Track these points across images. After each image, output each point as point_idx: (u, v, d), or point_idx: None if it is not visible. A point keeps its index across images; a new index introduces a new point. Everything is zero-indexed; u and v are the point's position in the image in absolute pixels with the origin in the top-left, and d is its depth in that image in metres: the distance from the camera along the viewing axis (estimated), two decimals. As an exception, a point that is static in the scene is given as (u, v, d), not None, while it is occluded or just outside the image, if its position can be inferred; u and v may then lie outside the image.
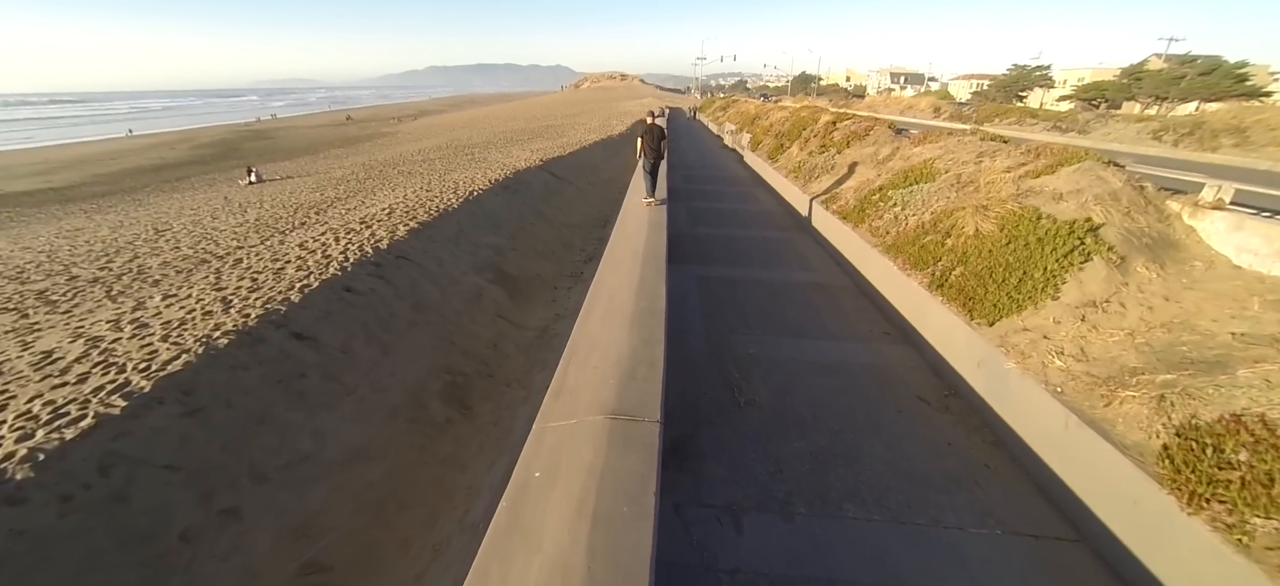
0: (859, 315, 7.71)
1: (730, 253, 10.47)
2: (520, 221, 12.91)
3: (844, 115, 14.28)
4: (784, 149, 15.27)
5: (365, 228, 10.23)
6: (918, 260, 6.49)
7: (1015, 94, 46.14)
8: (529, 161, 19.53)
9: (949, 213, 6.63)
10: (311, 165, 26.82)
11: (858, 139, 11.56)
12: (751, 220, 12.93)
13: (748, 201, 14.90)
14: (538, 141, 27.64)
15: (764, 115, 22.72)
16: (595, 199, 18.14)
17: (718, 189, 16.56)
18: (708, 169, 21.48)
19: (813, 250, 10.29)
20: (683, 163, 22.49)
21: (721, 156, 25.69)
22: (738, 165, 21.65)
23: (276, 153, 37.93)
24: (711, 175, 19.39)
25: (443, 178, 16.78)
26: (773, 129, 17.26)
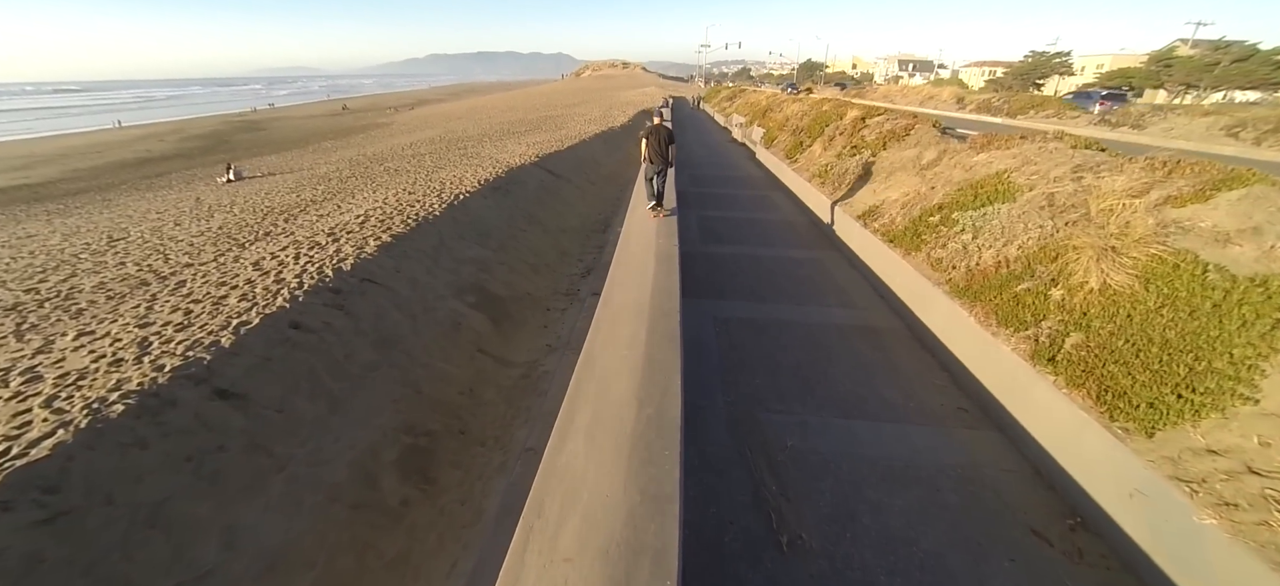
0: (923, 378, 5.93)
1: (752, 280, 8.84)
2: (510, 229, 11.67)
3: (873, 111, 12.33)
4: (803, 147, 13.72)
5: (332, 241, 9.03)
6: (1008, 314, 4.89)
7: (1033, 82, 44.31)
8: (524, 157, 18.24)
9: (1051, 250, 5.01)
10: (298, 159, 25.57)
11: (895, 140, 9.84)
12: (773, 234, 11.32)
13: (765, 208, 13.29)
14: (535, 134, 26.30)
15: (776, 107, 21.36)
16: (595, 198, 16.87)
17: (731, 192, 15.07)
18: (718, 168, 19.78)
19: (849, 277, 8.67)
20: (690, 160, 21.00)
21: (731, 152, 23.93)
22: (750, 163, 20.03)
23: (266, 145, 36.67)
24: (723, 175, 17.79)
25: (430, 177, 15.53)
26: (789, 124, 15.99)
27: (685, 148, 22.43)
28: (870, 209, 8.54)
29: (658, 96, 53.35)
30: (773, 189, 15.03)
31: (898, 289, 7.14)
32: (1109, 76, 37.11)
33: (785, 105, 19.69)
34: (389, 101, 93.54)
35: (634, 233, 8.11)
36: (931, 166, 7.95)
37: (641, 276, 6.49)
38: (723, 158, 22.03)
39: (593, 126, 28.87)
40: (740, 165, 20.10)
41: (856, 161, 9.66)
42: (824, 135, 12.34)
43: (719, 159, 21.82)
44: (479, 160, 18.53)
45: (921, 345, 6.40)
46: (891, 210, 7.93)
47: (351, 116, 61.27)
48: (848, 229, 9.18)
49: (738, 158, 21.97)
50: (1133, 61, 51.31)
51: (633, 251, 7.35)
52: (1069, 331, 4.29)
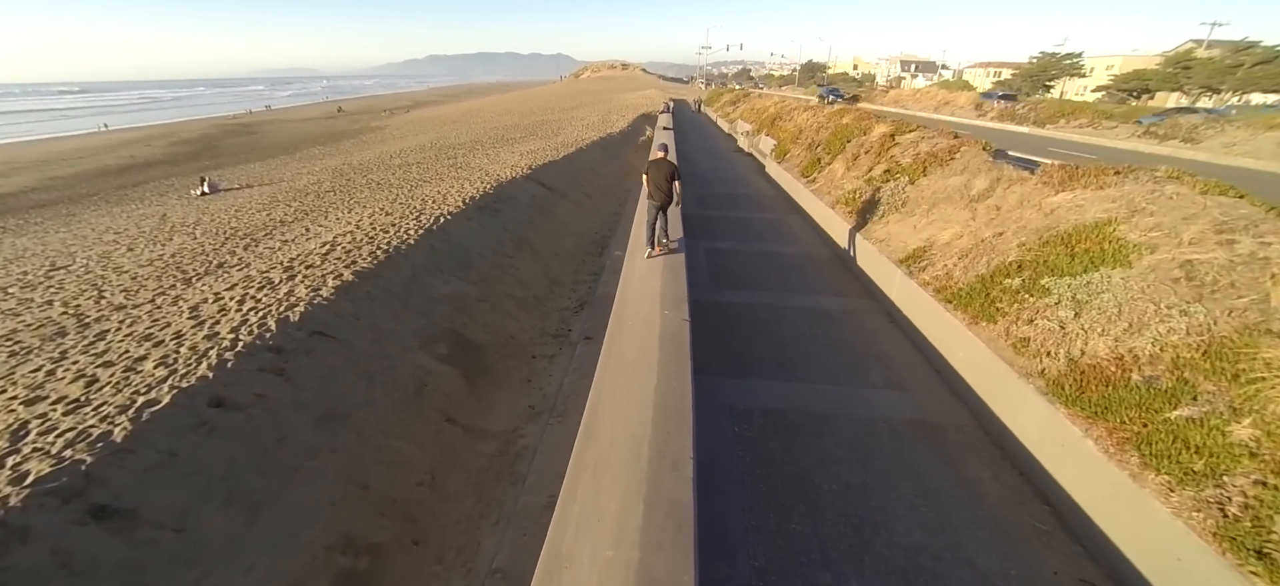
0: (1017, 517, 4.25)
1: (776, 344, 7.03)
2: (495, 256, 10.53)
3: (903, 126, 10.59)
4: (821, 165, 12.17)
5: (287, 279, 7.89)
6: (1160, 450, 3.38)
7: (1042, 84, 43.12)
8: (516, 168, 17.10)
9: (1218, 355, 3.53)
10: (282, 168, 24.44)
11: (937, 164, 8.32)
12: (795, 274, 9.48)
13: (782, 237, 11.41)
14: (529, 141, 25.17)
15: (786, 116, 19.93)
16: (591, 214, 15.73)
17: (742, 216, 13.08)
18: (726, 183, 17.70)
19: (893, 339, 6.90)
20: (694, 173, 19.38)
21: (737, 163, 21.91)
22: (759, 177, 18.23)
23: (253, 151, 35.53)
24: (732, 194, 15.79)
25: (412, 192, 14.40)
26: (802, 136, 14.90)
27: (689, 158, 21.02)
28: (915, 252, 7.06)
29: (658, 99, 52.22)
30: (788, 211, 13.28)
31: (963, 369, 5.58)
32: (1124, 79, 35.90)
33: (795, 114, 18.27)
34: (385, 103, 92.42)
35: (631, 295, 6.62)
36: (983, 198, 6.65)
37: (644, 367, 4.95)
38: (730, 171, 20.33)
39: (590, 132, 27.73)
40: (749, 181, 18.28)
41: (890, 189, 8.37)
42: (845, 152, 11.09)
43: (726, 172, 20.15)
44: (468, 172, 17.40)
45: (1003, 454, 4.85)
46: (946, 259, 6.34)
47: (346, 119, 60.15)
48: (885, 274, 7.61)
49: (745, 170, 20.38)
50: (1145, 62, 50.14)
51: (629, 327, 5.71)
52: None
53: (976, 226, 6.25)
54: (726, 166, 21.44)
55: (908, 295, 6.74)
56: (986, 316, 5.31)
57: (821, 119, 15.12)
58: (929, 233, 7.14)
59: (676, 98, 57.72)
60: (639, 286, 6.97)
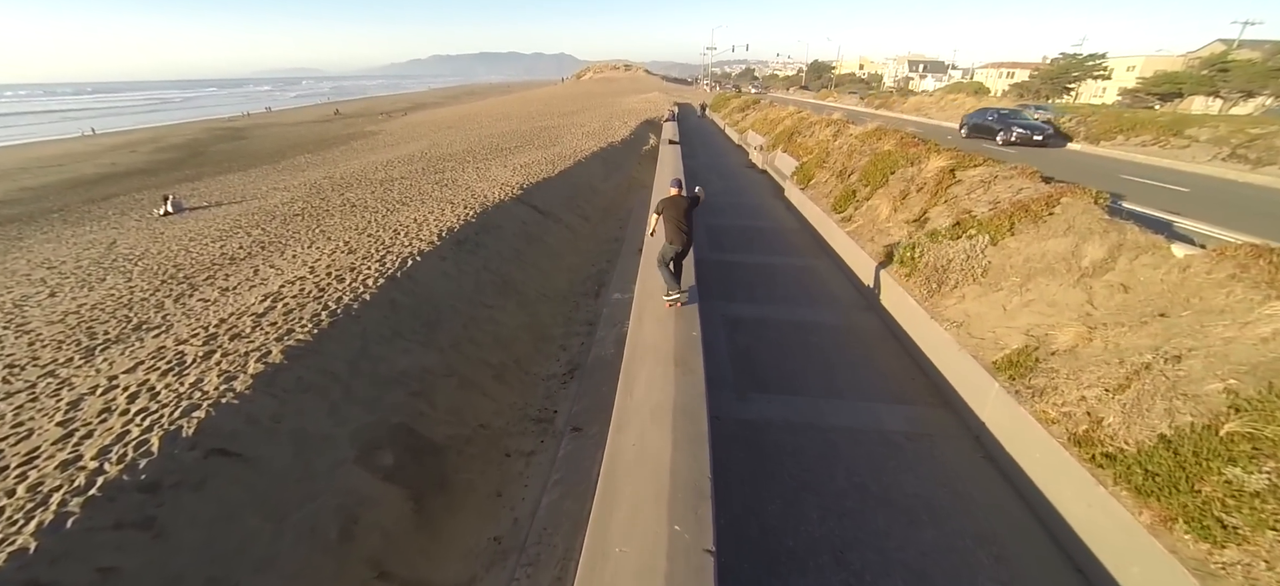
0: None
1: (835, 511, 4.70)
2: (471, 308, 8.93)
3: (967, 160, 8.33)
4: (857, 199, 10.13)
5: (204, 357, 6.32)
6: None
7: (1063, 86, 41.26)
8: (506, 187, 15.52)
9: None
10: (259, 182, 22.90)
11: (1028, 218, 6.25)
12: (844, 364, 7.03)
13: (818, 297, 8.98)
14: (524, 152, 23.59)
15: (806, 130, 17.55)
16: (589, 242, 14.12)
17: (765, 263, 10.63)
18: (742, 212, 14.99)
19: (1010, 513, 4.57)
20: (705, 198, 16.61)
21: (752, 185, 18.89)
22: (776, 201, 15.94)
23: (238, 159, 34.04)
24: (750, 228, 13.14)
25: (386, 219, 12.83)
26: (830, 158, 12.95)
27: (698, 177, 18.96)
28: (1018, 356, 4.94)
29: (661, 104, 50.55)
30: (818, 254, 10.91)
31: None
32: (1154, 81, 33.99)
33: (816, 128, 16.38)
34: (384, 106, 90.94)
35: (640, 385, 5.12)
36: (1099, 272, 4.92)
37: (653, 512, 3.63)
38: (746, 196, 17.25)
39: (590, 142, 26.13)
40: (769, 209, 15.37)
41: (963, 249, 6.55)
42: (888, 186, 9.28)
43: (742, 198, 17.04)
44: (453, 191, 15.82)
45: None
46: (1078, 381, 4.22)
47: (340, 124, 58.65)
48: (972, 380, 5.39)
49: (761, 193, 17.59)
50: (1169, 63, 48.22)
51: (638, 435, 4.38)
52: None
53: (1107, 322, 4.39)
54: (741, 189, 18.73)
55: (1019, 430, 4.52)
56: (1206, 534, 3.12)
57: (853, 140, 12.89)
58: (1029, 319, 5.24)
59: (680, 101, 56.03)
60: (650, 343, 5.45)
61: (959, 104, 32.25)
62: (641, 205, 17.69)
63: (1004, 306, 5.59)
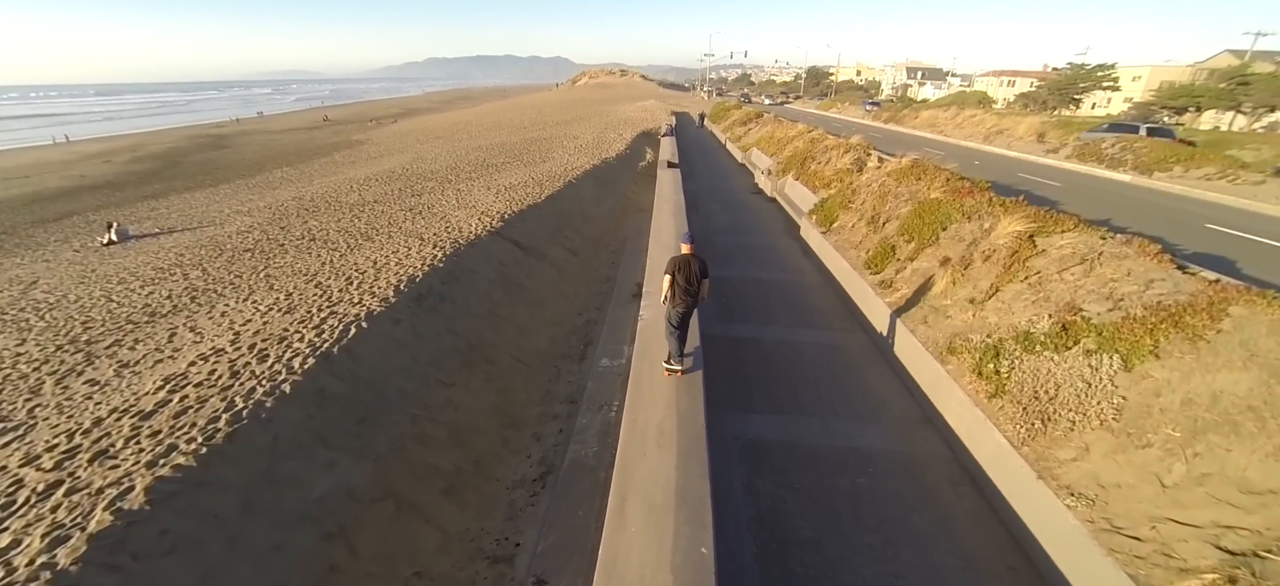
0: None
1: None
2: (424, 390, 7.34)
3: (1050, 223, 6.44)
4: (897, 258, 8.18)
5: (44, 494, 4.71)
6: None
7: (1071, 97, 40.07)
8: (486, 217, 13.97)
9: None
10: (226, 202, 21.25)
11: (1182, 335, 4.39)
12: (907, 527, 5.14)
13: (859, 402, 6.98)
14: (511, 170, 22.03)
15: (820, 155, 15.52)
16: (576, 284, 12.54)
17: (787, 339, 8.42)
18: (751, 255, 12.60)
19: None
20: (708, 235, 14.32)
21: (762, 220, 16.37)
22: (789, 239, 13.60)
23: (212, 172, 32.34)
24: (765, 283, 10.84)
25: (342, 261, 11.25)
26: (856, 199, 10.90)
27: (699, 206, 17.11)
28: None
29: (658, 113, 49.11)
30: (849, 324, 8.65)
31: None
32: (1167, 94, 32.68)
33: (833, 155, 14.60)
34: (376, 111, 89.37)
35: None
36: None
37: None
38: (753, 232, 14.72)
39: (582, 158, 24.60)
40: (782, 251, 13.00)
41: (1076, 370, 4.67)
42: (938, 244, 7.42)
43: (749, 235, 14.42)
44: (426, 221, 14.25)
45: None
46: None
47: (328, 131, 56.97)
48: None
49: (772, 228, 15.22)
50: (1176, 74, 47.16)
51: None
52: None
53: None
54: (749, 225, 16.03)
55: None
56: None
57: (886, 180, 10.56)
58: (1213, 512, 3.43)
59: (678, 109, 54.64)
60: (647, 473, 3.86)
61: (978, 121, 30.23)
62: (636, 232, 16.16)
63: (1161, 479, 3.75)
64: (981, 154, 27.32)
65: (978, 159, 25.18)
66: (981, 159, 25.68)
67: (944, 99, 74.18)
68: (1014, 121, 28.41)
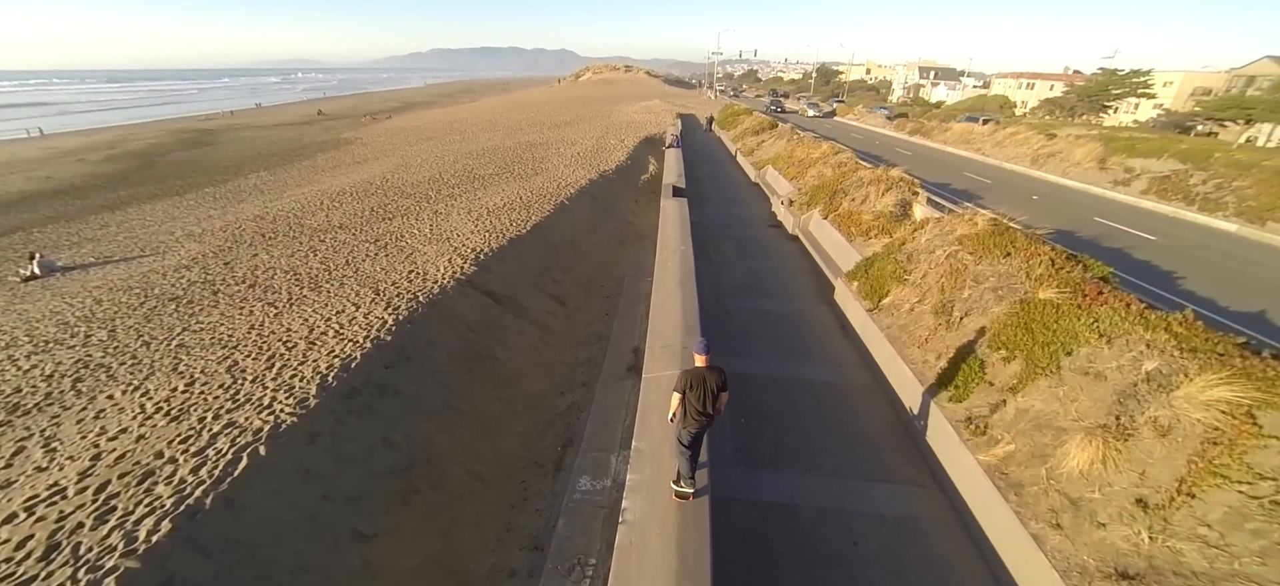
0: None
1: None
2: (335, 540, 5.36)
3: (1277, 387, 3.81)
4: (988, 379, 5.90)
5: None
6: None
7: (1101, 104, 37.68)
8: (460, 255, 11.99)
9: None
10: (180, 219, 19.27)
11: None
12: None
13: None
14: (500, 186, 19.98)
15: (851, 189, 12.87)
16: (559, 348, 10.51)
17: (836, 506, 5.86)
18: (775, 332, 9.77)
19: None
20: (719, 280, 12.05)
21: (781, 263, 13.37)
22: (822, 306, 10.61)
23: (185, 176, 30.37)
24: (792, 378, 8.28)
25: (275, 323, 9.26)
26: (916, 270, 8.36)
27: (708, 243, 14.61)
28: None
29: (663, 114, 46.86)
30: (920, 473, 6.22)
31: None
32: (1214, 105, 30.21)
33: (870, 192, 12.13)
34: (374, 104, 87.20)
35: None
36: None
37: None
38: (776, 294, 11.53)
39: (579, 171, 22.53)
40: (817, 329, 9.90)
41: None
42: (1059, 375, 5.18)
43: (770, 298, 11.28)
44: (391, 258, 12.25)
45: None
46: None
47: (319, 127, 54.92)
48: None
49: (799, 288, 11.90)
50: (1212, 80, 44.65)
51: None
52: None
53: None
54: (770, 278, 12.48)
55: None
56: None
57: (960, 248, 7.81)
58: None
59: (683, 111, 52.32)
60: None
61: (1021, 139, 26.47)
62: (636, 269, 14.13)
63: None
64: (1035, 183, 24.11)
65: (1036, 193, 22.03)
66: (1039, 191, 22.60)
67: (962, 102, 71.46)
68: (1068, 143, 24.94)
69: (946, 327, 6.75)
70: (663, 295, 8.69)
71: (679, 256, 9.60)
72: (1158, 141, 22.29)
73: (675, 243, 10.48)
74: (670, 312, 8.31)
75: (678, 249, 9.80)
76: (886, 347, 7.40)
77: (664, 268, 9.34)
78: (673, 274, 9.05)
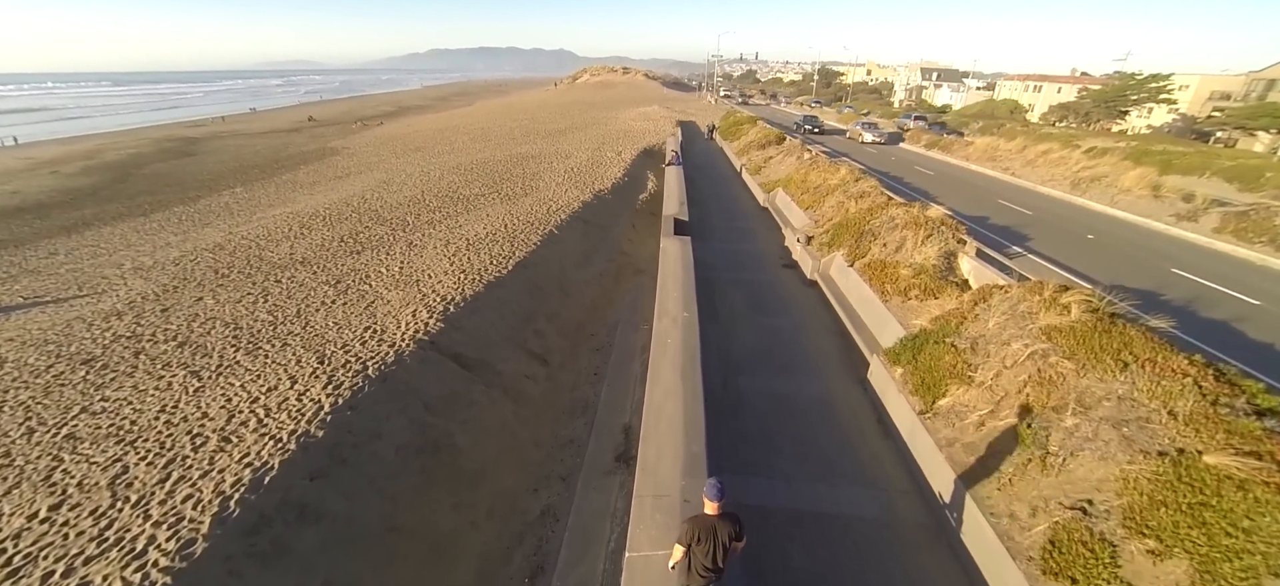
0: None
1: None
2: None
3: None
4: (1113, 572, 3.80)
5: None
6: None
7: (1118, 110, 36.13)
8: (427, 307, 10.44)
9: None
10: (148, 240, 17.69)
11: None
12: None
13: None
14: (484, 210, 18.42)
15: (880, 230, 10.94)
16: (536, 422, 8.91)
17: None
18: (796, 413, 8.03)
19: None
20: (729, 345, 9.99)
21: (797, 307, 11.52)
22: (854, 385, 8.62)
23: (157, 191, 28.79)
24: (822, 513, 6.17)
25: (190, 405, 7.70)
26: (982, 362, 6.48)
27: (715, 293, 12.61)
28: None
29: (662, 121, 45.29)
30: None
31: None
32: (1249, 113, 28.56)
33: (907, 237, 10.17)
34: (367, 107, 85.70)
35: None
36: None
37: None
38: (801, 372, 9.30)
39: (572, 191, 20.97)
40: (846, 417, 7.97)
41: None
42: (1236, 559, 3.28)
43: (793, 379, 9.05)
44: (348, 308, 10.68)
45: None
46: None
47: (307, 134, 53.32)
48: None
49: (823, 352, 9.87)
50: (1230, 84, 43.10)
51: None
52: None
53: None
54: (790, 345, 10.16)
55: None
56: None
57: (1047, 343, 5.87)
58: None
59: (685, 117, 50.76)
60: None
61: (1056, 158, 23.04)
62: (632, 312, 12.56)
63: None
64: (1084, 216, 20.36)
65: (1091, 231, 18.15)
66: (1093, 227, 18.71)
67: (969, 107, 69.88)
68: (1113, 164, 21.50)
69: (1041, 468, 4.86)
70: (660, 393, 6.53)
71: (681, 328, 7.83)
72: (1196, 156, 20.45)
73: (676, 308, 8.61)
74: (667, 427, 6.08)
75: (680, 317, 8.05)
76: (948, 473, 5.45)
77: (662, 345, 7.51)
78: (672, 359, 7.15)
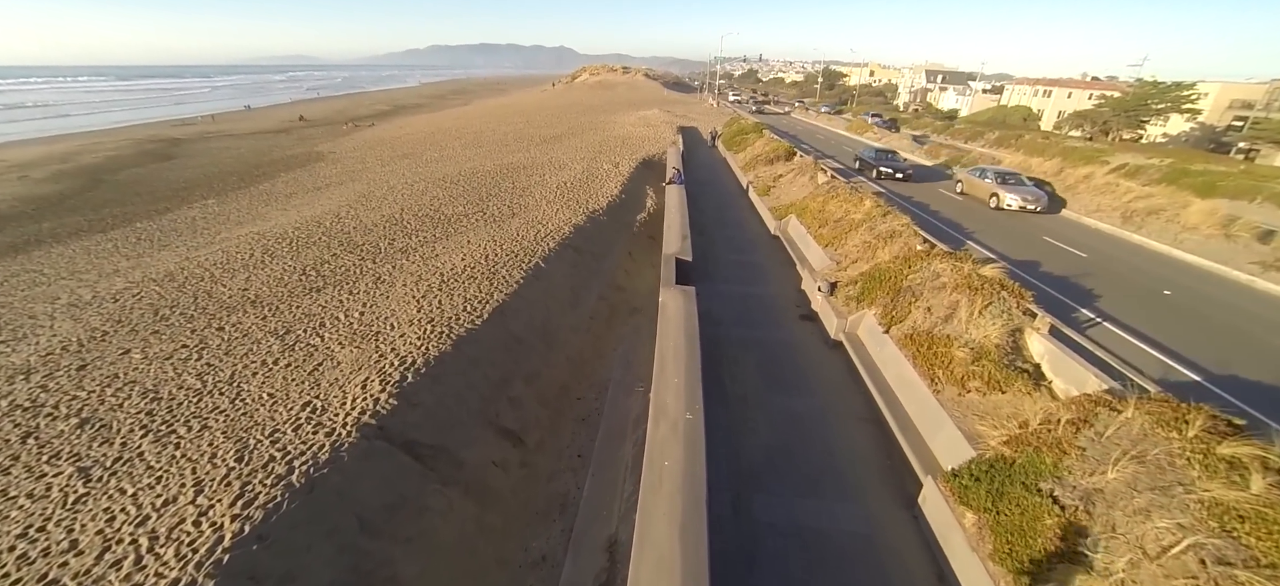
0: None
1: None
2: None
3: None
4: None
5: None
6: None
7: (1139, 119, 34.56)
8: (381, 371, 8.86)
9: None
10: (95, 264, 16.06)
11: None
12: None
13: None
14: (466, 234, 16.80)
15: (923, 289, 8.90)
16: (502, 535, 7.33)
17: None
18: (828, 558, 5.96)
19: None
20: (739, 447, 7.75)
21: (823, 385, 9.15)
22: (904, 516, 6.45)
23: (130, 199, 27.12)
24: None
25: (62, 523, 6.07)
26: (1098, 532, 4.25)
27: (723, 360, 10.42)
28: None
29: (662, 126, 43.63)
30: None
31: None
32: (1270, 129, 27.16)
33: (961, 302, 8.07)
34: (362, 106, 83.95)
35: None
36: None
37: None
38: (836, 494, 6.95)
39: (564, 211, 19.36)
40: (900, 568, 5.87)
41: None
42: None
43: (824, 505, 6.77)
44: (290, 371, 9.08)
45: None
46: None
47: (295, 136, 51.58)
48: None
49: (861, 461, 7.49)
50: (1249, 92, 41.50)
51: None
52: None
53: None
54: (815, 429, 8.16)
55: None
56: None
57: (1223, 524, 3.92)
58: None
59: (686, 122, 49.07)
60: None
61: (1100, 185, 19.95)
62: (625, 373, 10.98)
63: None
64: (1145, 260, 17.22)
65: (1166, 286, 14.92)
66: (1168, 281, 15.37)
67: (980, 113, 68.26)
68: (1171, 195, 18.43)
69: None
70: (651, 564, 4.49)
71: (683, 442, 5.94)
72: (1243, 177, 18.77)
73: (678, 403, 6.39)
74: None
75: (680, 423, 6.27)
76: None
77: (656, 471, 5.55)
78: (669, 504, 5.00)
